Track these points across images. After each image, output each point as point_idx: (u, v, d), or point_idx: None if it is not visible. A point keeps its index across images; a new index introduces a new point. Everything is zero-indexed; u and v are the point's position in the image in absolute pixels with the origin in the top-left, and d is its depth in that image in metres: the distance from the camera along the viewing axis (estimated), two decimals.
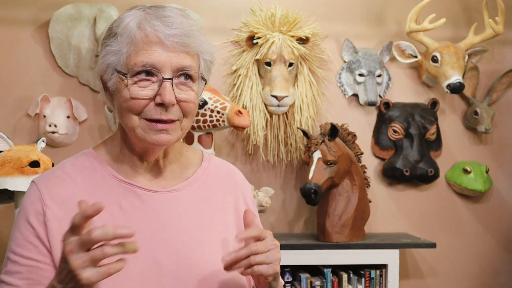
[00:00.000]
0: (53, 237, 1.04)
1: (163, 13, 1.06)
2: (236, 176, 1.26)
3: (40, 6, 2.61)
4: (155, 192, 1.11)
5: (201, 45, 1.09)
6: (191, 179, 1.17)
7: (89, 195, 1.07)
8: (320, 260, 2.46)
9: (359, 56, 2.72)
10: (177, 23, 1.05)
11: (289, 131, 2.70)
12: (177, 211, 1.12)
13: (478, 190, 2.76)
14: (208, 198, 1.17)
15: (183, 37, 1.05)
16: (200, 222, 1.13)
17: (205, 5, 2.70)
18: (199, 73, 1.10)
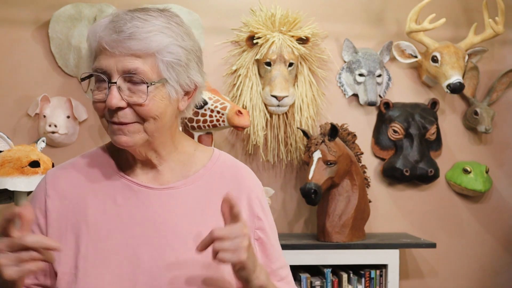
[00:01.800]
0: (50, 226, 1.12)
1: (120, 17, 1.05)
2: (243, 178, 1.20)
3: (40, 6, 2.61)
4: (150, 189, 1.12)
5: (158, 45, 1.04)
6: (191, 178, 1.15)
7: (86, 188, 1.13)
8: (320, 260, 2.46)
9: (359, 56, 2.72)
10: (127, 27, 1.02)
11: (289, 131, 2.70)
12: (169, 209, 1.11)
13: (478, 190, 2.76)
14: (206, 199, 1.14)
15: (128, 40, 1.02)
16: (191, 222, 1.11)
17: (205, 5, 2.70)
18: (158, 74, 1.05)
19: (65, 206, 1.12)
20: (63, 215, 1.12)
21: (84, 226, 1.10)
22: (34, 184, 2.03)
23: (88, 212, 1.11)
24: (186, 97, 1.12)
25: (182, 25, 1.10)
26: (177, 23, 1.09)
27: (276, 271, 1.18)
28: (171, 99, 1.07)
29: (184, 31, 1.09)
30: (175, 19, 1.09)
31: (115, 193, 1.12)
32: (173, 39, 1.05)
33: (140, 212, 1.11)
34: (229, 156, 1.25)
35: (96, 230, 1.10)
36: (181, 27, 1.09)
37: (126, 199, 1.12)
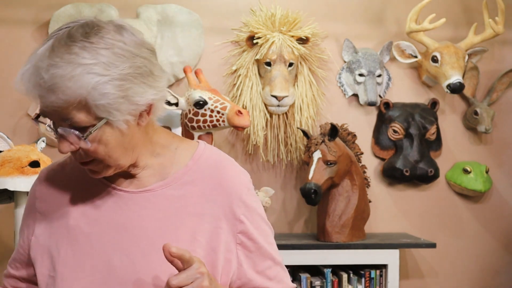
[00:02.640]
0: (38, 226, 1.12)
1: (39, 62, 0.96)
2: (225, 178, 1.11)
3: (40, 6, 2.61)
4: (126, 192, 1.09)
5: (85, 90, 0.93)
6: (169, 179, 1.09)
7: (71, 190, 1.12)
8: (320, 260, 2.46)
9: (359, 56, 2.72)
10: (47, 77, 0.93)
11: (289, 131, 2.70)
12: (144, 213, 1.07)
13: (478, 190, 2.76)
14: (183, 202, 1.08)
15: (51, 94, 0.94)
16: (165, 227, 1.05)
17: (205, 5, 2.70)
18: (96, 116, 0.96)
19: (50, 208, 1.12)
20: (48, 217, 1.12)
21: (65, 229, 1.09)
22: None
23: (69, 214, 1.10)
24: (144, 113, 1.02)
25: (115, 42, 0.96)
26: (107, 46, 0.95)
27: (263, 272, 1.12)
28: (122, 130, 0.99)
29: (117, 51, 0.95)
30: (104, 42, 0.95)
31: (95, 196, 1.10)
32: (100, 77, 0.93)
33: (117, 217, 1.07)
34: (214, 151, 1.16)
35: (75, 233, 1.08)
36: (111, 49, 0.95)
37: (104, 202, 1.09)
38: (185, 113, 2.38)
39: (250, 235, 1.10)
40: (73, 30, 0.96)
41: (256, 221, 1.12)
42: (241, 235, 1.09)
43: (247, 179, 1.15)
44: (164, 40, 2.64)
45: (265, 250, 1.12)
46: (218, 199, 1.09)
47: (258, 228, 1.12)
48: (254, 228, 1.11)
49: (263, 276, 1.12)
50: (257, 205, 1.14)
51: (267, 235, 1.14)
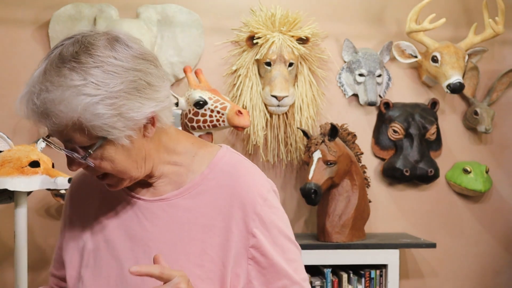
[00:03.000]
0: (67, 230, 1.15)
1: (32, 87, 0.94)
2: (240, 188, 1.06)
3: (40, 6, 2.61)
4: (144, 201, 1.08)
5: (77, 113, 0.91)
6: (184, 188, 1.07)
7: (98, 196, 1.13)
8: (320, 260, 2.47)
9: (359, 56, 2.72)
10: (39, 103, 0.92)
11: (289, 131, 2.70)
12: (157, 222, 1.05)
13: (478, 190, 2.76)
14: (195, 212, 1.05)
15: (45, 119, 0.93)
16: (176, 238, 1.04)
17: (205, 5, 2.70)
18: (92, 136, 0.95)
19: (78, 213, 1.14)
20: (76, 222, 1.14)
21: (89, 235, 1.10)
22: (34, 184, 2.03)
23: (94, 221, 1.11)
24: (149, 125, 1.00)
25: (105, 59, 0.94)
26: (96, 65, 0.93)
27: None
28: (126, 145, 0.98)
29: (107, 68, 0.93)
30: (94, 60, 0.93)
31: (116, 203, 1.10)
32: (91, 97, 0.91)
33: (133, 225, 1.07)
34: (233, 158, 1.11)
35: (97, 239, 1.09)
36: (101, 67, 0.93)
37: (123, 210, 1.09)
38: (185, 113, 2.38)
39: (263, 251, 1.04)
40: (64, 49, 0.95)
41: (273, 236, 1.06)
42: (253, 249, 1.04)
43: (264, 189, 1.08)
44: (164, 40, 2.64)
45: (281, 268, 1.05)
46: (230, 211, 1.04)
47: (275, 244, 1.06)
48: (269, 243, 1.05)
49: None
50: (276, 218, 1.07)
51: (286, 251, 1.07)
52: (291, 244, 1.09)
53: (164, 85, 1.01)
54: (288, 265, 1.06)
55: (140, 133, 0.99)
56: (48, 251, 2.62)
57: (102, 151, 0.97)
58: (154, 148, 1.04)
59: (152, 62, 1.00)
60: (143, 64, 0.98)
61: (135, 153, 1.00)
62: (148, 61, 0.99)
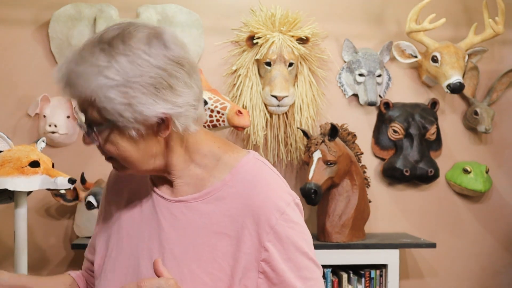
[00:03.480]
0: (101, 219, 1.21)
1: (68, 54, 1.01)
2: (257, 199, 1.03)
3: (40, 6, 2.61)
4: (164, 199, 1.09)
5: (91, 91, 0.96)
6: (203, 192, 1.06)
7: (129, 190, 1.17)
8: (320, 260, 2.44)
9: (359, 56, 2.72)
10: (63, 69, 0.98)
11: (289, 131, 2.70)
12: (174, 223, 1.06)
13: (478, 190, 2.76)
14: (211, 219, 1.04)
15: (65, 86, 0.98)
16: (189, 243, 1.04)
17: (205, 5, 2.70)
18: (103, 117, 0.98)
19: (111, 204, 1.18)
20: (108, 213, 1.18)
21: (117, 227, 1.14)
22: (34, 184, 2.03)
23: (122, 213, 1.14)
24: (163, 126, 1.00)
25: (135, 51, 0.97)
26: (125, 53, 0.96)
27: None
28: (135, 138, 0.99)
29: (134, 59, 0.96)
30: (125, 48, 0.97)
31: (142, 199, 1.13)
32: (108, 80, 0.95)
33: (153, 223, 1.08)
34: (257, 166, 1.09)
35: (122, 233, 1.12)
36: (129, 56, 0.96)
37: (147, 206, 1.11)
38: None
39: (274, 266, 1.02)
40: (106, 32, 0.99)
41: (287, 251, 1.02)
42: (265, 263, 1.02)
43: (283, 202, 1.04)
44: None
45: (291, 286, 1.02)
46: (245, 221, 1.02)
47: (289, 260, 1.02)
48: (283, 258, 1.02)
49: None
50: (293, 233, 1.03)
51: (301, 269, 1.03)
52: (309, 262, 1.06)
53: (188, 92, 1.00)
54: (302, 283, 1.03)
55: (152, 131, 1.00)
56: (48, 251, 2.62)
57: (109, 134, 1.00)
58: (170, 153, 1.05)
59: (184, 67, 1.00)
60: (172, 66, 0.98)
61: (143, 148, 1.02)
62: (181, 65, 1.00)
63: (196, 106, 1.03)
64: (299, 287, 1.02)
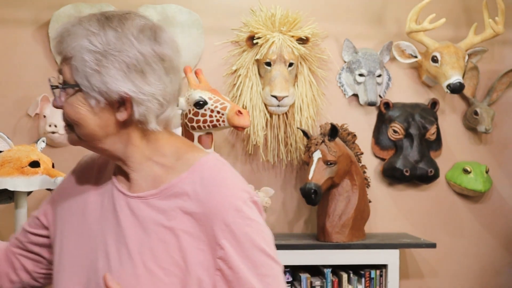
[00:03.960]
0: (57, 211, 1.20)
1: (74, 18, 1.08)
2: (212, 197, 1.04)
3: (40, 6, 2.61)
4: (124, 195, 1.10)
5: (73, 49, 1.02)
6: (161, 188, 1.07)
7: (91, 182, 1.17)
8: (320, 260, 2.47)
9: (359, 56, 2.72)
10: (60, 28, 1.05)
11: (289, 131, 2.70)
12: (130, 219, 1.07)
13: (478, 190, 2.76)
14: (166, 215, 1.05)
15: (56, 42, 1.05)
16: (144, 238, 1.04)
17: (205, 5, 2.70)
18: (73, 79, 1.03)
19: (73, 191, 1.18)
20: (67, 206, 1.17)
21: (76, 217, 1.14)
22: (34, 184, 2.03)
23: (83, 207, 1.14)
24: (122, 108, 1.03)
25: (126, 31, 1.03)
26: (116, 29, 1.02)
27: None
28: (94, 108, 1.03)
29: (120, 36, 1.02)
30: (118, 25, 1.03)
31: (104, 194, 1.13)
32: (90, 45, 1.01)
33: (112, 218, 1.09)
34: (216, 165, 1.10)
35: (82, 228, 1.12)
36: (118, 32, 1.02)
37: (108, 201, 1.11)
38: (185, 113, 2.38)
39: (231, 264, 1.02)
40: (113, 11, 1.08)
41: (243, 249, 1.02)
42: (221, 261, 1.02)
43: (239, 200, 1.04)
44: None
45: (248, 282, 1.02)
46: (201, 218, 1.03)
47: (245, 257, 1.02)
48: (239, 256, 1.02)
49: None
50: (250, 230, 1.03)
51: (258, 266, 1.03)
52: (267, 259, 1.05)
53: (158, 86, 1.04)
54: (259, 281, 1.02)
55: (111, 108, 1.04)
56: None
57: (72, 96, 1.04)
58: (124, 137, 1.08)
59: (164, 63, 1.06)
60: (153, 57, 1.04)
61: (99, 122, 1.04)
62: (162, 60, 1.05)
63: (162, 105, 1.06)
64: (256, 284, 1.02)
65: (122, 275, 1.02)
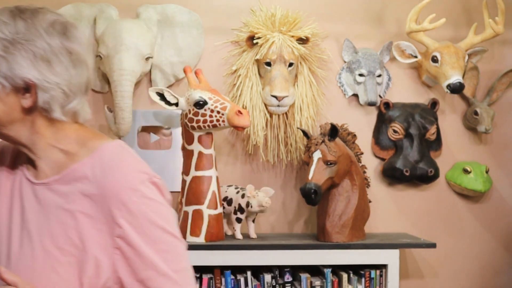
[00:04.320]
0: None
1: None
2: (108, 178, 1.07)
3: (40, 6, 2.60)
4: (30, 182, 1.13)
5: None
6: (63, 173, 1.10)
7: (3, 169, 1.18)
8: (320, 260, 2.47)
9: (359, 56, 2.72)
10: None
11: (289, 131, 2.70)
12: (33, 205, 1.11)
13: (478, 190, 2.76)
14: (67, 198, 1.08)
15: None
16: (44, 220, 1.08)
17: (205, 5, 2.70)
18: None
19: None
20: None
21: None
22: None
23: None
24: (27, 94, 1.07)
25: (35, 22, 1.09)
26: (26, 20, 1.08)
27: (143, 281, 1.05)
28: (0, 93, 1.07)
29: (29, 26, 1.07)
30: (29, 17, 1.09)
31: (14, 182, 1.16)
32: None
33: (18, 205, 1.13)
34: (116, 150, 1.13)
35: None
36: (28, 23, 1.08)
37: (17, 189, 1.15)
38: (185, 113, 2.38)
39: (129, 241, 1.05)
40: (30, 5, 1.12)
41: (141, 226, 1.06)
42: (119, 239, 1.05)
43: (136, 180, 1.08)
44: (164, 40, 2.64)
45: (147, 258, 1.05)
46: (98, 199, 1.06)
47: (144, 234, 1.06)
48: (137, 233, 1.05)
49: (142, 286, 1.06)
50: (147, 208, 1.07)
51: (157, 242, 1.07)
52: (168, 236, 1.08)
53: (64, 76, 1.09)
54: (159, 256, 1.06)
55: (16, 94, 1.07)
56: None
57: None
58: (27, 123, 1.10)
59: (71, 56, 1.10)
60: (60, 49, 1.09)
61: (3, 108, 1.07)
62: (69, 53, 1.10)
63: (68, 95, 1.10)
64: (155, 260, 1.05)
65: (20, 258, 1.07)
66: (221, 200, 2.44)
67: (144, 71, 2.54)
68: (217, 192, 2.39)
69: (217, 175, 2.41)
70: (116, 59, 2.41)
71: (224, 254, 2.36)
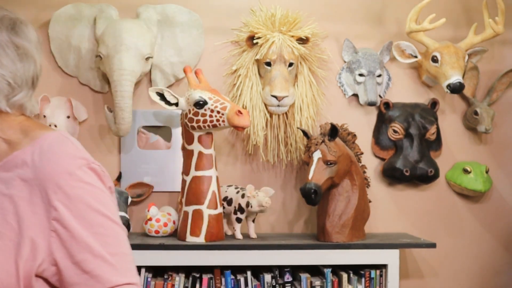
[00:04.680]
0: None
1: None
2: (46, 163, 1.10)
3: (40, 6, 2.61)
4: None
5: None
6: (4, 161, 1.13)
7: None
8: (320, 260, 2.46)
9: (359, 56, 2.72)
10: None
11: (289, 131, 2.70)
12: None
13: (478, 190, 2.76)
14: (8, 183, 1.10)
15: None
16: None
17: (205, 5, 2.70)
18: None
19: None
20: None
21: None
22: None
23: None
24: None
25: None
26: None
27: (79, 263, 1.06)
28: None
29: None
30: None
31: None
32: None
33: None
34: (57, 138, 1.15)
35: None
36: None
37: None
38: (185, 113, 2.38)
39: (65, 224, 1.07)
40: None
41: (78, 209, 1.08)
42: (55, 222, 1.07)
43: (73, 165, 1.11)
44: (164, 40, 2.64)
45: (83, 241, 1.07)
46: (35, 183, 1.08)
47: (80, 217, 1.07)
48: (73, 216, 1.07)
49: (78, 268, 1.07)
50: (83, 192, 1.09)
51: (94, 226, 1.08)
52: (105, 219, 1.10)
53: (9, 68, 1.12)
54: (95, 239, 1.07)
55: None
56: None
57: None
58: None
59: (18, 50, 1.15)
60: (7, 42, 1.15)
61: None
62: (16, 47, 1.15)
63: (13, 88, 1.13)
64: (92, 243, 1.07)
65: None
66: (221, 200, 2.44)
67: (144, 71, 2.54)
68: (217, 192, 2.39)
69: (217, 175, 2.41)
70: (116, 59, 2.41)
71: (224, 254, 2.36)
